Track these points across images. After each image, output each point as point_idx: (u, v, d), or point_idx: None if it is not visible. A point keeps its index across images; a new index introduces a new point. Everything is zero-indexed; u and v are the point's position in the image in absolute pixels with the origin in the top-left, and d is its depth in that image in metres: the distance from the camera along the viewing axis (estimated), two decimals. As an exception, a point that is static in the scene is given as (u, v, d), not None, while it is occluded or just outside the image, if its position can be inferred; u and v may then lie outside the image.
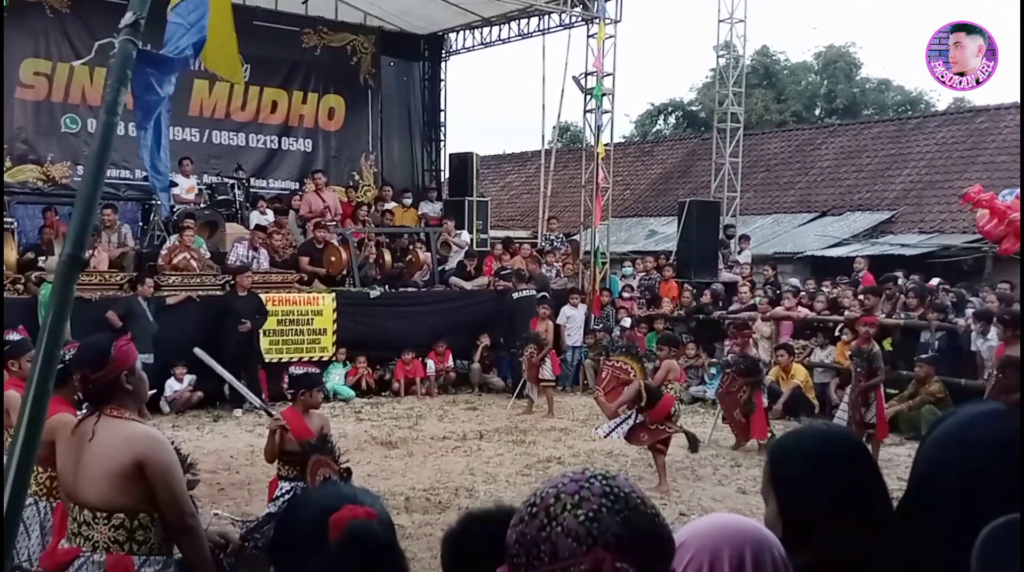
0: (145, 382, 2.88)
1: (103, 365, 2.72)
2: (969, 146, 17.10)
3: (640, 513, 1.09)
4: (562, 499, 1.09)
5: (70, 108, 12.64)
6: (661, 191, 21.34)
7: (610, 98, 13.85)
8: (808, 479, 1.58)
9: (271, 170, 14.53)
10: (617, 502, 1.08)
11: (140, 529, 2.66)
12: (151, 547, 2.67)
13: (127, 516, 2.65)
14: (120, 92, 1.70)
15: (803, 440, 1.67)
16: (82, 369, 2.77)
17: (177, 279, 10.38)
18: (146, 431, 2.77)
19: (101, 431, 2.68)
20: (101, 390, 2.73)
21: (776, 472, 1.64)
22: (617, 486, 1.10)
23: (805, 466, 1.60)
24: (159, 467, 2.64)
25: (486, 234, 14.87)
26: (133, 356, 2.83)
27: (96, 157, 1.65)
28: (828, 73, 30.44)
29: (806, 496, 1.57)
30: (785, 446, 1.69)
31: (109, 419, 2.71)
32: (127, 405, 2.77)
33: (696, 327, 12.32)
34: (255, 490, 6.99)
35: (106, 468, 2.64)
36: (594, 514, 1.07)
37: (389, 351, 11.65)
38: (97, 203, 1.67)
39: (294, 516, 1.54)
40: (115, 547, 2.64)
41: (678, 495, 7.08)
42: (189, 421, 9.66)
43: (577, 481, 1.10)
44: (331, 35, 15.04)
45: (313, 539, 1.44)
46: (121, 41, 1.73)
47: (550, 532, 1.07)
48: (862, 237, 15.89)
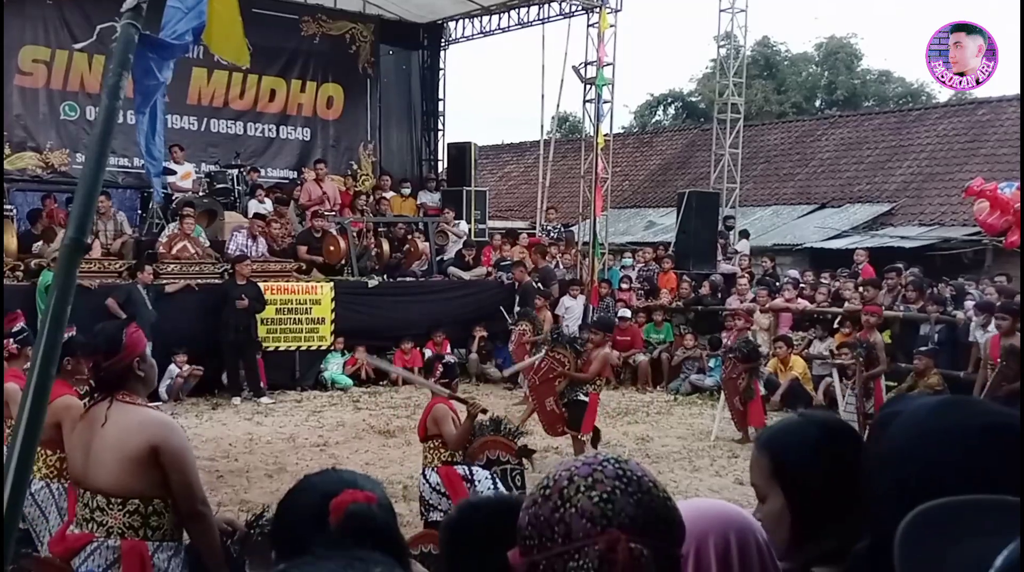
0: (155, 368, 2.92)
1: (116, 352, 2.74)
2: (970, 138, 17.06)
3: (652, 496, 1.10)
4: (575, 481, 1.10)
5: (69, 95, 12.60)
6: (660, 182, 21.30)
7: (610, 88, 13.82)
8: (818, 470, 1.54)
9: (269, 159, 14.50)
10: (631, 484, 1.09)
11: (154, 515, 2.68)
12: (164, 533, 2.69)
13: (142, 502, 2.66)
14: (122, 76, 1.70)
15: (807, 430, 1.62)
16: (94, 356, 2.79)
17: (176, 267, 10.38)
18: (160, 416, 2.80)
19: (114, 417, 2.69)
20: (114, 377, 2.75)
21: (781, 465, 1.58)
22: (630, 469, 1.11)
23: (814, 457, 1.55)
24: (174, 452, 2.66)
25: (484, 224, 14.85)
26: (143, 343, 2.86)
27: (99, 141, 1.65)
28: (829, 64, 30.37)
29: (816, 488, 1.53)
30: (788, 438, 1.62)
31: (122, 404, 2.72)
32: (138, 391, 2.79)
33: (695, 318, 12.32)
34: (254, 477, 7.01)
35: (120, 453, 2.65)
36: (608, 496, 1.08)
37: (387, 341, 11.65)
38: (99, 187, 1.67)
39: (295, 501, 1.55)
40: (130, 532, 2.65)
41: (675, 485, 7.10)
42: (187, 409, 9.66)
43: (590, 464, 1.12)
44: (330, 23, 14.98)
45: (314, 523, 1.46)
46: (123, 25, 1.72)
47: (564, 513, 1.08)
48: (862, 229, 15.87)
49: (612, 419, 9.81)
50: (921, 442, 1.03)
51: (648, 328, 12.32)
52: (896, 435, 1.06)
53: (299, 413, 9.61)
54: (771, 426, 1.72)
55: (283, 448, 8.06)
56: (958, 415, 1.03)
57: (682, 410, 10.48)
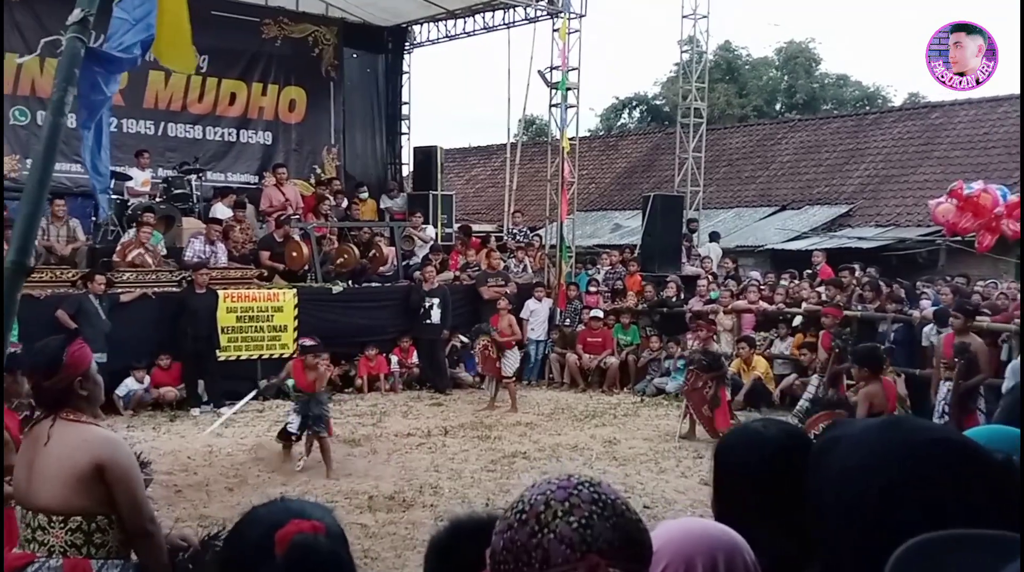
0: (100, 385, 2.82)
1: (55, 371, 2.66)
2: (924, 141, 17.45)
3: (627, 519, 1.12)
4: (552, 506, 1.10)
5: (19, 100, 12.28)
6: (626, 185, 21.43)
7: (575, 92, 13.85)
8: (738, 480, 1.60)
9: (229, 163, 14.27)
10: (606, 509, 1.11)
11: (98, 532, 2.61)
12: (109, 550, 2.62)
13: (84, 519, 2.60)
14: (67, 91, 1.63)
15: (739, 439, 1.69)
16: (34, 375, 2.71)
17: (132, 275, 10.15)
18: (105, 434, 2.72)
19: (57, 435, 2.63)
20: (55, 396, 2.67)
21: (714, 471, 1.67)
22: (604, 493, 1.13)
23: (736, 467, 1.62)
24: (119, 470, 2.60)
25: (451, 228, 14.79)
26: (87, 360, 2.75)
27: (43, 159, 1.58)
28: (789, 68, 30.81)
29: (737, 498, 1.59)
30: (723, 445, 1.71)
31: (65, 422, 2.66)
32: (83, 409, 2.72)
33: (660, 320, 12.40)
34: (214, 491, 6.87)
35: (64, 471, 2.59)
36: (586, 521, 1.09)
37: (352, 347, 11.54)
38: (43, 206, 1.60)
39: (242, 533, 1.53)
40: (72, 551, 2.59)
41: (642, 487, 7.12)
42: (144, 421, 9.45)
43: (565, 488, 1.12)
44: (292, 26, 14.80)
45: (261, 555, 1.44)
46: (69, 39, 1.66)
47: (542, 539, 1.09)
48: (820, 230, 16.12)
49: (579, 422, 9.84)
50: (875, 460, 1.06)
51: (616, 329, 12.38)
52: (845, 456, 1.09)
53: (261, 424, 9.45)
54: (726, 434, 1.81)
55: (244, 460, 7.91)
56: (904, 432, 1.08)
57: (648, 412, 10.54)
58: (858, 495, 1.04)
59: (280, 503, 1.54)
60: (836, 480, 1.08)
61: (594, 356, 12.10)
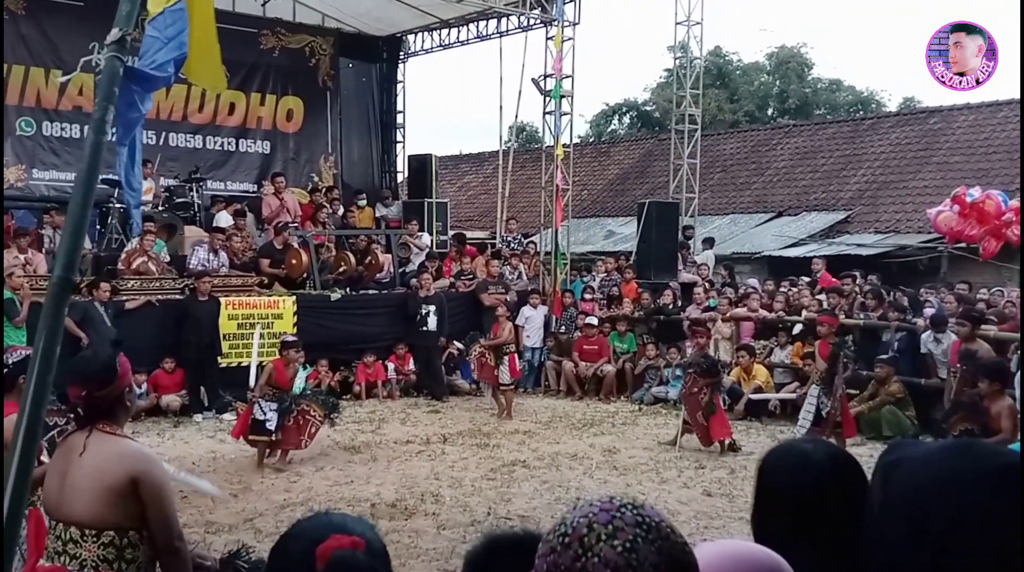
0: (136, 396, 2.85)
1: (110, 381, 2.67)
2: (922, 146, 17.34)
3: (672, 542, 1.10)
4: (595, 529, 1.09)
5: (25, 111, 12.35)
6: (618, 192, 21.47)
7: (568, 100, 13.92)
8: (782, 501, 1.58)
9: (229, 172, 14.34)
10: (651, 532, 1.09)
11: (129, 547, 2.62)
12: (139, 566, 2.63)
13: (117, 534, 2.60)
14: (108, 110, 1.68)
15: (784, 459, 1.66)
16: (87, 385, 2.68)
17: (136, 283, 10.26)
18: (140, 448, 2.74)
19: (93, 446, 2.62)
20: (105, 406, 2.68)
21: (756, 490, 1.65)
22: (648, 516, 1.11)
23: (781, 488, 1.59)
24: (154, 485, 2.61)
25: (446, 235, 14.84)
26: (130, 371, 2.81)
27: (85, 177, 1.63)
28: (780, 73, 30.93)
29: (780, 519, 1.57)
30: (767, 464, 1.68)
31: (102, 434, 2.66)
32: (120, 421, 2.74)
33: (657, 328, 12.42)
34: (218, 498, 6.87)
35: (99, 484, 2.59)
36: (631, 544, 1.07)
37: (350, 354, 11.57)
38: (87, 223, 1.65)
39: (285, 548, 1.55)
40: (104, 566, 2.59)
41: (644, 498, 7.15)
42: (149, 427, 9.46)
43: (608, 511, 1.11)
44: (289, 37, 14.91)
45: (303, 570, 1.46)
46: (108, 58, 1.70)
47: (585, 563, 1.07)
48: (818, 237, 16.09)
49: (578, 430, 9.84)
50: (940, 487, 1.05)
51: (612, 337, 12.40)
52: (907, 481, 1.09)
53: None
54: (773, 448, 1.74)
55: (247, 466, 7.94)
56: (970, 458, 1.07)
57: (647, 420, 10.54)
58: (925, 519, 1.04)
59: (323, 517, 1.55)
60: (902, 503, 1.07)
61: (590, 364, 12.11)
